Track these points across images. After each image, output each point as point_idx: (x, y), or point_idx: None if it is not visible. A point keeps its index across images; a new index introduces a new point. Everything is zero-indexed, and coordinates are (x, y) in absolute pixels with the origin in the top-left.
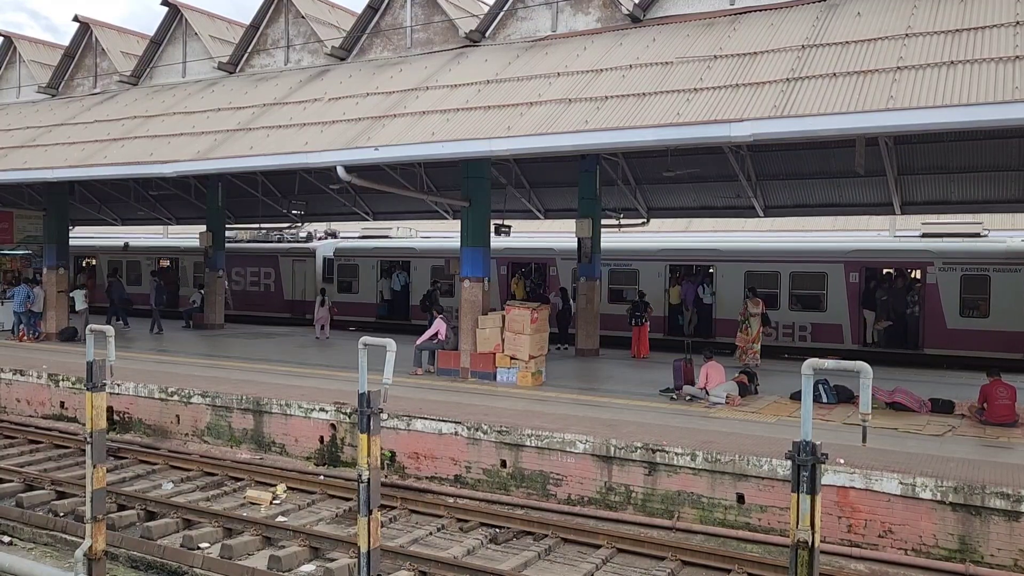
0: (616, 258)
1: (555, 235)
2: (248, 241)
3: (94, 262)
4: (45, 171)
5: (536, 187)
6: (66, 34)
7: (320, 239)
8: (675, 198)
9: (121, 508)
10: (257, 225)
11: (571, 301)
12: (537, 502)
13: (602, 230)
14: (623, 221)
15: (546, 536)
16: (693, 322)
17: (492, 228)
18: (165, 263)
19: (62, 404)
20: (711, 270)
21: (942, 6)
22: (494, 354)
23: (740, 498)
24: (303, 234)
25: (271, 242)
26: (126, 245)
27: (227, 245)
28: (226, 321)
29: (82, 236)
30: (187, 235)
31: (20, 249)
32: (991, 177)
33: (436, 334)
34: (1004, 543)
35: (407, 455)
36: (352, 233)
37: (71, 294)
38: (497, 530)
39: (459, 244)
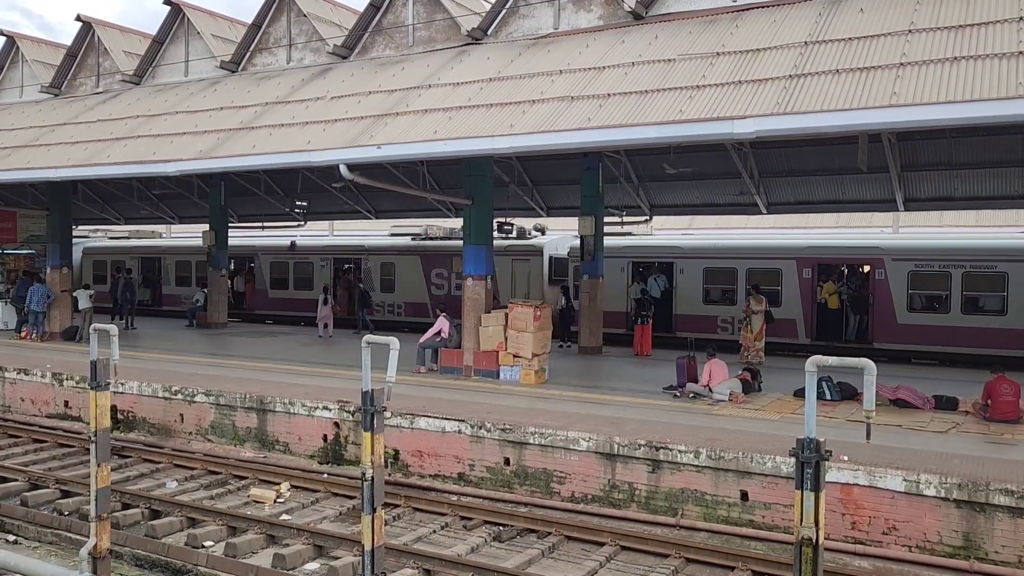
0: (976, 259)
1: (880, 231)
2: (443, 238)
3: (242, 264)
4: (48, 170)
5: (539, 185)
6: (60, 33)
7: (532, 236)
8: (678, 195)
9: (125, 507)
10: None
11: (572, 300)
12: (541, 500)
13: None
14: (625, 219)
15: (550, 534)
16: None
17: (495, 226)
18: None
19: (66, 403)
20: None
21: (945, 2)
22: (497, 352)
23: (744, 495)
24: (511, 231)
25: (448, 239)
26: (293, 244)
27: (426, 243)
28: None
29: (240, 235)
30: (370, 230)
31: (24, 248)
32: (995, 173)
33: (439, 332)
34: (1008, 540)
35: (410, 453)
36: (572, 229)
37: (75, 293)
38: (501, 528)
39: (741, 240)
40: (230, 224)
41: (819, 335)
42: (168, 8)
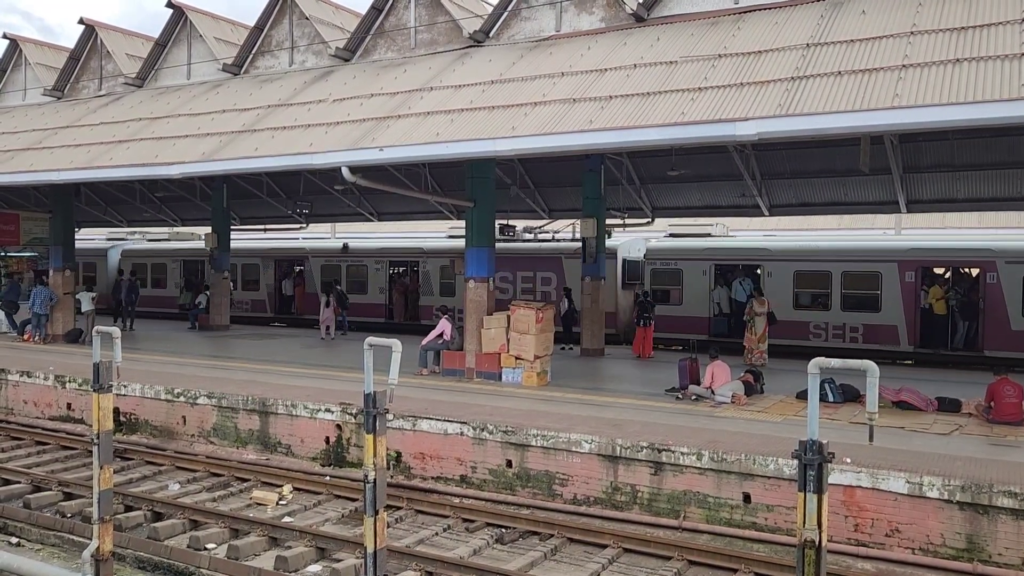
0: None
1: (998, 231)
2: (508, 239)
3: (299, 268)
4: (51, 173)
5: (540, 187)
6: (60, 35)
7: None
8: (680, 197)
9: (128, 509)
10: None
11: (573, 302)
12: (543, 502)
13: None
14: (628, 221)
15: (552, 536)
16: None
17: (497, 228)
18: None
19: (69, 405)
20: None
21: (947, 4)
22: (499, 354)
23: (746, 498)
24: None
25: (544, 241)
26: (345, 246)
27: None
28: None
29: (290, 237)
30: (430, 231)
31: (26, 251)
32: (998, 175)
33: (441, 334)
34: (1012, 542)
35: (413, 455)
36: (649, 231)
37: (77, 295)
38: (503, 530)
39: (835, 242)
40: (232, 227)
41: (923, 342)
42: (171, 11)
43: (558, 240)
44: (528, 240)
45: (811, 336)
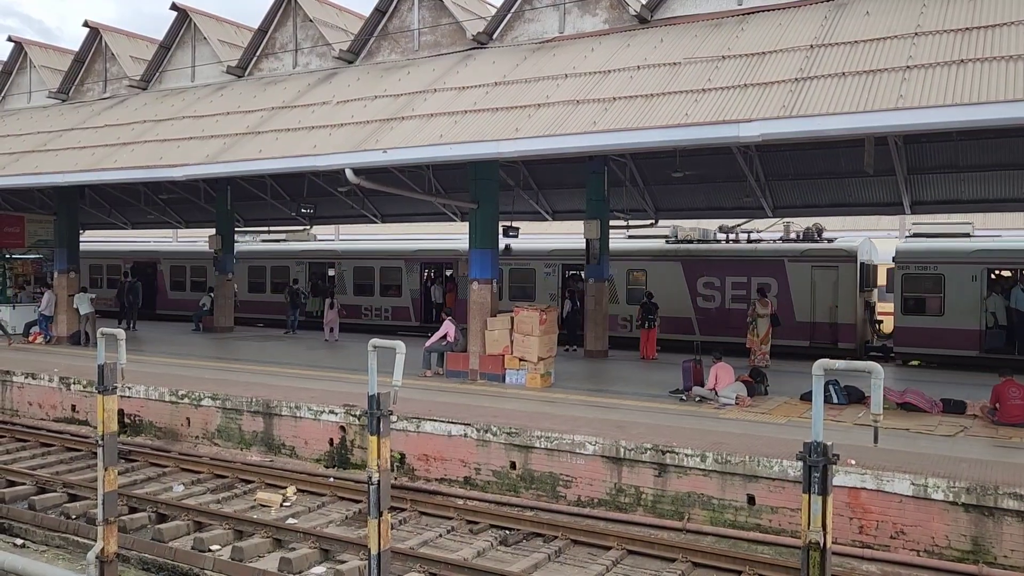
0: None
1: None
2: (700, 241)
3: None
4: (56, 175)
5: (544, 189)
6: (60, 38)
7: (817, 237)
8: (684, 199)
9: (132, 510)
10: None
11: (578, 303)
12: (547, 504)
13: None
14: (631, 223)
15: (556, 538)
16: None
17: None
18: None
19: (73, 407)
20: None
21: (951, 5)
22: (503, 356)
23: (751, 499)
24: (782, 230)
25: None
26: (508, 248)
27: (690, 247)
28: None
29: (439, 238)
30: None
31: (31, 253)
32: (1002, 176)
33: (445, 336)
34: (1017, 544)
35: (417, 457)
36: (871, 231)
37: (75, 299)
38: (507, 532)
39: None
40: (237, 228)
41: None
42: (175, 13)
43: (774, 241)
44: (694, 241)
45: None
